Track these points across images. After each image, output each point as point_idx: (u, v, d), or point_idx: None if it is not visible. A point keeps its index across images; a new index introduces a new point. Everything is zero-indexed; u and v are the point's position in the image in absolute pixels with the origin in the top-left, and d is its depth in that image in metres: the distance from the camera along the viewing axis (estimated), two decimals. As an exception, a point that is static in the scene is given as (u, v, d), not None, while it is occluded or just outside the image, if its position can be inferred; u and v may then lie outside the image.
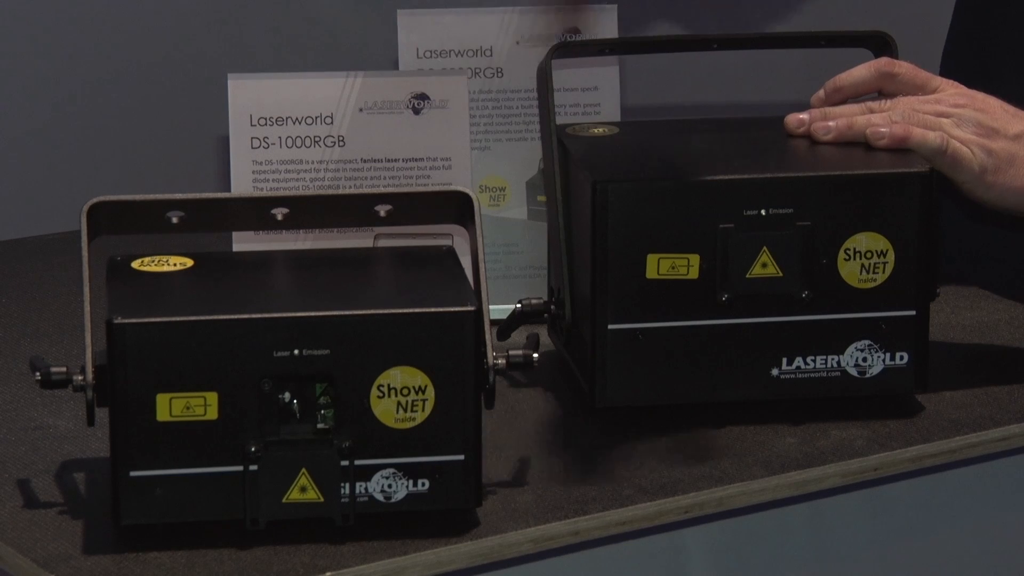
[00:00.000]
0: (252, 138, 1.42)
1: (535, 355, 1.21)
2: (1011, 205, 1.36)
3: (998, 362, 1.43)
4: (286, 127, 1.43)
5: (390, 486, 1.17)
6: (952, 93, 1.38)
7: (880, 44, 1.44)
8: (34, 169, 2.02)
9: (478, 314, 1.17)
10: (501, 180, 1.52)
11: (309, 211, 1.23)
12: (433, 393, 1.16)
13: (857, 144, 1.36)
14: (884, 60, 1.40)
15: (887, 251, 1.31)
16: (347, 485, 1.16)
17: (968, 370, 1.41)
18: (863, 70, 1.39)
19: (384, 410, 1.16)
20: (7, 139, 2.00)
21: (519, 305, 1.39)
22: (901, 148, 1.34)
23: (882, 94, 1.40)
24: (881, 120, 1.35)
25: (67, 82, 2.04)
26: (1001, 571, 1.38)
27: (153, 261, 1.22)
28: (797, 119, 1.38)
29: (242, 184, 1.41)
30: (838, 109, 1.38)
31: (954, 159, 1.34)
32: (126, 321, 1.14)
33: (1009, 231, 1.49)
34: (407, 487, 1.17)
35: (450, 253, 1.26)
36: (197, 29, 2.08)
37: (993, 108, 1.37)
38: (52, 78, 2.02)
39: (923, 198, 1.31)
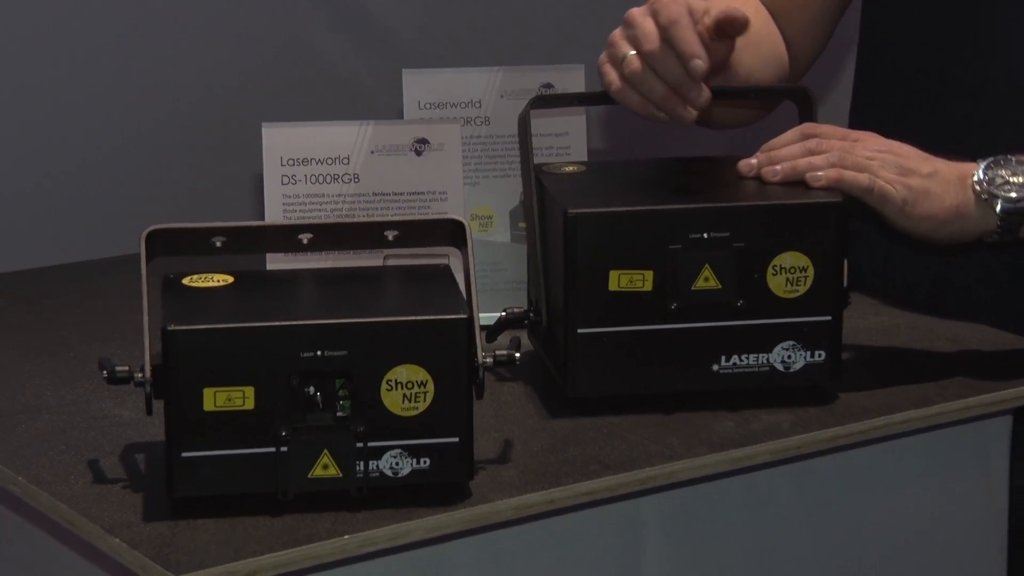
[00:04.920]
0: (282, 176, 1.42)
1: (517, 354, 1.21)
2: (925, 232, 1.36)
3: (899, 358, 1.43)
4: (310, 166, 1.42)
5: (397, 463, 1.17)
6: (873, 141, 1.37)
7: (802, 98, 1.44)
8: (101, 202, 2.02)
9: (470, 321, 1.17)
10: (489, 210, 1.52)
11: (330, 236, 1.23)
12: (432, 386, 1.16)
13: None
14: (807, 125, 1.39)
15: (808, 267, 1.31)
16: (361, 463, 1.16)
17: (874, 365, 1.41)
18: (791, 134, 1.38)
19: (392, 401, 1.16)
20: (80, 179, 2.00)
21: (504, 313, 1.39)
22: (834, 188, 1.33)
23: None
24: (819, 163, 1.34)
25: (130, 128, 2.03)
26: (902, 530, 1.38)
27: (200, 278, 1.22)
28: (748, 164, 1.37)
29: (274, 214, 1.41)
30: (783, 152, 1.36)
31: (881, 195, 1.33)
32: (178, 328, 1.14)
33: (924, 253, 1.48)
34: (411, 464, 1.17)
35: (446, 270, 1.26)
36: (237, 87, 2.08)
37: (907, 153, 1.37)
38: (118, 126, 2.02)
39: (837, 224, 1.31)
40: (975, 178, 1.37)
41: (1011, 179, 1.37)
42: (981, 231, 1.38)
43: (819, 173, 1.33)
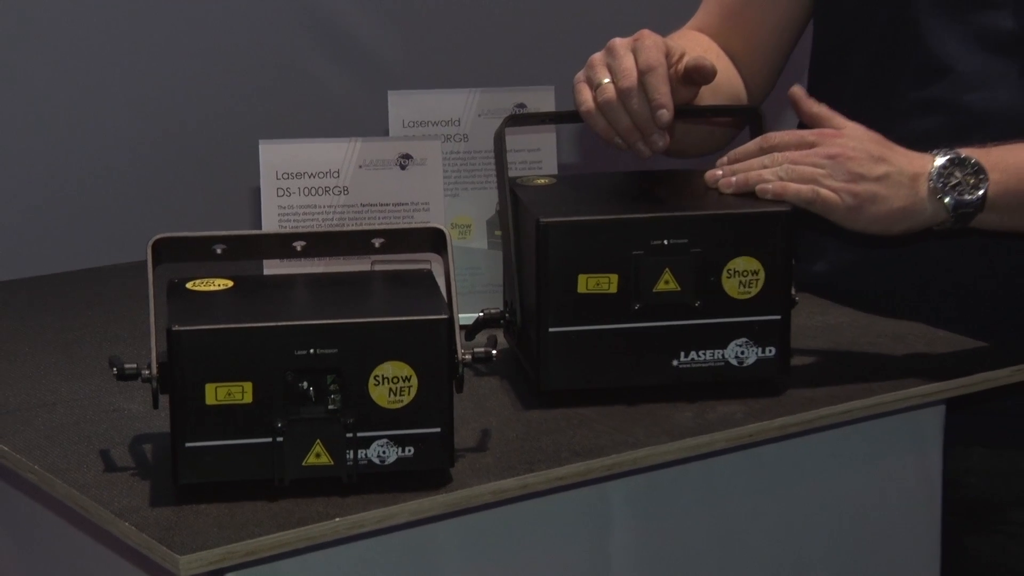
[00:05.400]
0: (278, 188, 1.42)
1: (494, 351, 1.21)
2: (876, 231, 1.35)
3: (842, 353, 1.43)
4: (303, 180, 1.42)
5: (384, 452, 1.17)
6: (826, 147, 1.34)
7: (754, 117, 1.45)
8: (112, 213, 2.01)
9: (450, 321, 1.17)
10: (467, 219, 1.52)
11: (321, 243, 1.23)
12: (416, 381, 1.16)
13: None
14: (766, 135, 1.37)
15: (759, 271, 1.31)
16: (351, 452, 1.16)
17: (820, 360, 1.41)
18: (751, 145, 1.37)
19: (379, 394, 1.16)
20: (93, 193, 2.00)
21: (481, 313, 1.39)
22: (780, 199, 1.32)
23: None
24: (767, 175, 1.34)
25: (139, 146, 2.03)
26: (846, 510, 1.38)
27: (202, 282, 1.22)
28: (713, 175, 1.36)
29: (270, 223, 1.41)
30: (739, 165, 1.36)
31: (824, 205, 1.32)
32: (182, 328, 1.14)
33: (875, 247, 1.47)
34: (397, 453, 1.17)
35: (428, 275, 1.26)
36: (237, 107, 2.08)
37: (860, 155, 1.34)
38: (128, 144, 2.02)
39: (785, 231, 1.31)
40: (929, 177, 1.35)
41: (964, 179, 1.35)
42: (932, 223, 1.36)
43: (767, 186, 1.33)
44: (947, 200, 1.35)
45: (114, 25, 1.99)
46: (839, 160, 1.34)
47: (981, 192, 1.35)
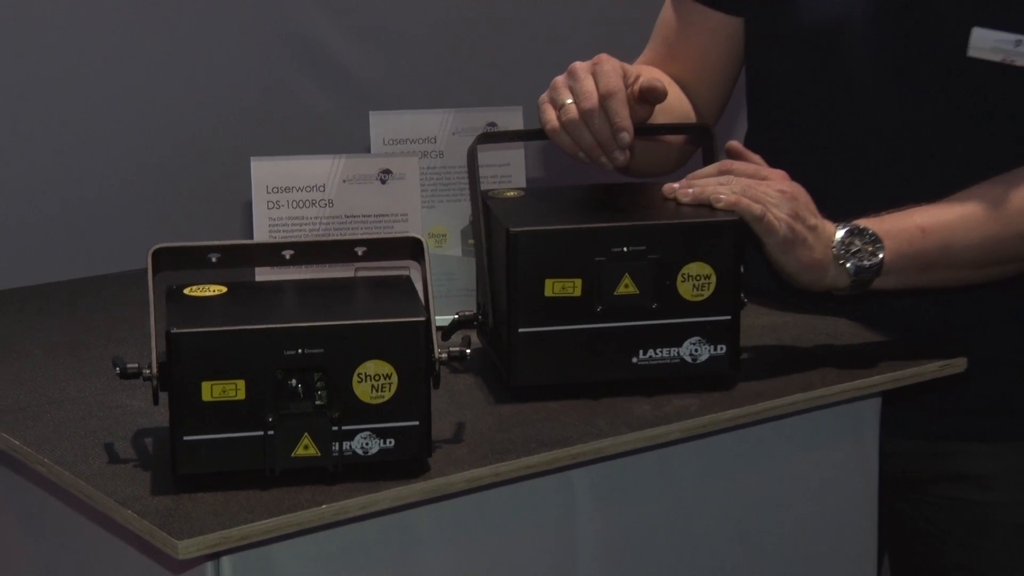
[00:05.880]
0: (268, 201, 1.41)
1: (468, 350, 1.21)
2: (790, 272, 1.35)
3: (787, 350, 1.43)
4: (292, 193, 1.42)
5: (367, 444, 1.17)
6: (778, 182, 1.36)
7: (705, 134, 1.45)
8: (115, 225, 2.00)
9: (427, 322, 1.17)
10: (443, 229, 1.52)
11: (309, 252, 1.23)
12: (396, 378, 1.16)
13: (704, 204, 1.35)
14: (725, 162, 1.38)
15: (711, 275, 1.31)
16: (336, 444, 1.16)
17: (767, 356, 1.41)
18: (711, 168, 1.38)
19: (362, 390, 1.16)
20: (97, 207, 1.99)
21: (456, 315, 1.38)
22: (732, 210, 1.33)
23: None
24: (722, 191, 1.34)
25: (140, 163, 2.02)
26: (791, 495, 1.38)
27: (199, 288, 1.22)
28: (670, 188, 1.37)
29: (261, 234, 1.41)
30: (699, 181, 1.36)
31: (767, 226, 1.32)
32: (180, 331, 1.14)
33: (782, 288, 1.47)
34: (379, 444, 1.17)
35: (407, 280, 1.25)
36: (230, 127, 2.07)
37: (804, 200, 1.35)
38: (130, 161, 2.01)
39: (735, 239, 1.31)
40: (834, 244, 1.36)
41: (863, 248, 1.37)
42: (832, 286, 1.37)
43: (721, 197, 1.33)
44: (848, 265, 1.36)
45: (120, 53, 1.99)
46: (787, 197, 1.34)
47: (880, 257, 1.36)
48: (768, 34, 1.55)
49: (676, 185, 1.37)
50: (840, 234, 1.37)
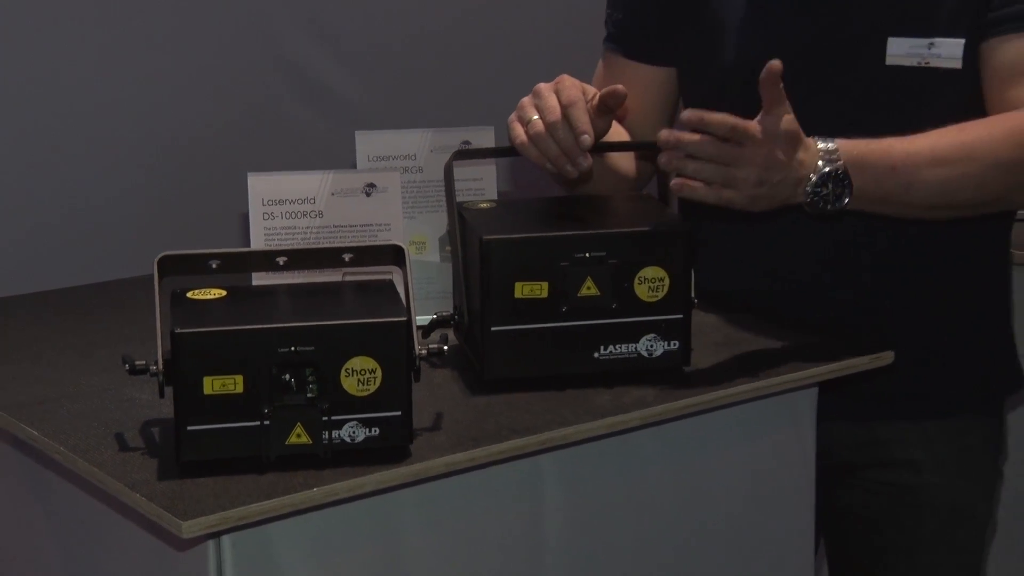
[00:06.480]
0: (263, 212, 1.41)
1: (445, 347, 1.21)
2: (772, 211, 1.33)
3: (734, 345, 1.43)
4: (285, 205, 1.41)
5: (354, 432, 1.16)
6: (749, 147, 1.28)
7: (656, 150, 1.44)
8: (124, 236, 2.00)
9: (408, 322, 1.16)
10: (423, 237, 1.52)
11: (301, 259, 1.23)
12: (380, 373, 1.15)
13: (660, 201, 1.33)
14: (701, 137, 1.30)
15: (664, 278, 1.31)
16: (326, 432, 1.15)
17: (716, 350, 1.41)
18: (690, 136, 1.30)
19: (349, 384, 1.15)
20: (109, 220, 1.98)
21: (435, 315, 1.38)
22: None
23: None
24: (693, 172, 1.29)
25: (147, 180, 2.02)
26: (738, 476, 1.39)
27: (200, 292, 1.21)
28: (671, 136, 1.29)
29: (257, 242, 1.40)
30: (691, 168, 1.29)
31: (727, 202, 1.30)
32: (183, 331, 1.13)
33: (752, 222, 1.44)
34: (365, 433, 1.16)
35: (390, 284, 1.25)
36: (228, 146, 2.07)
37: (771, 151, 1.29)
38: (139, 178, 2.00)
39: (685, 245, 1.31)
40: (808, 187, 1.31)
41: (833, 191, 1.32)
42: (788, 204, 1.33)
43: (690, 183, 1.28)
44: (809, 203, 1.32)
45: (132, 86, 1.99)
46: (756, 164, 1.29)
47: (845, 201, 1.33)
48: (699, 76, 1.54)
49: (669, 151, 1.28)
50: (814, 179, 1.32)
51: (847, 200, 1.34)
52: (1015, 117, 1.39)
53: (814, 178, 1.33)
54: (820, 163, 1.33)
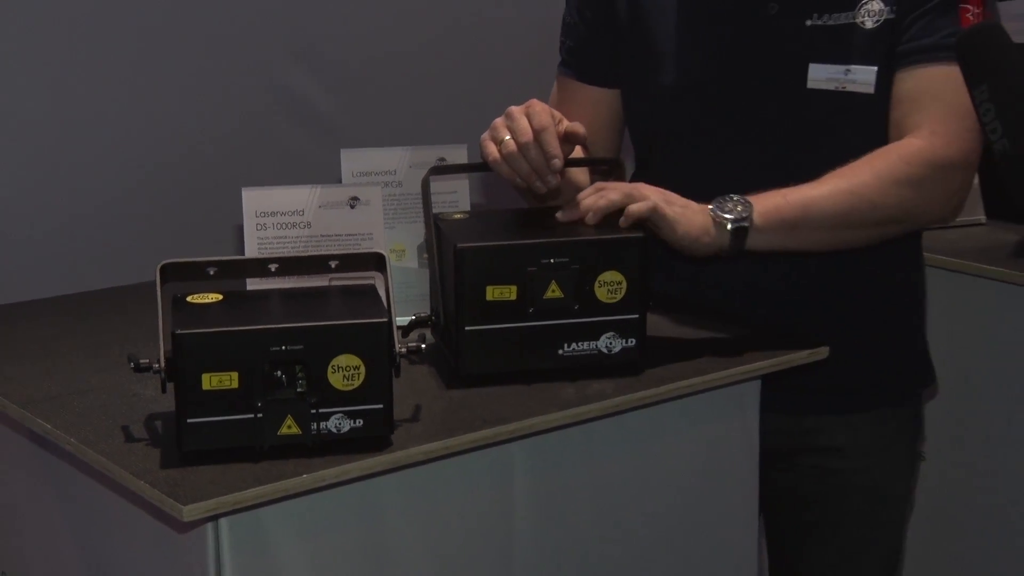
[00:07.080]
0: (257, 223, 1.40)
1: (423, 345, 1.21)
2: (684, 246, 1.35)
3: (685, 343, 1.43)
4: (276, 217, 1.40)
5: (340, 423, 1.16)
6: (646, 188, 1.36)
7: (614, 164, 1.45)
8: (129, 245, 1.98)
9: (389, 323, 1.16)
10: (402, 245, 1.51)
11: (291, 266, 1.22)
12: (364, 369, 1.15)
13: (610, 217, 1.34)
14: (597, 183, 1.38)
15: (622, 281, 1.31)
16: (315, 424, 1.15)
17: (669, 348, 1.41)
18: (589, 189, 1.37)
19: (336, 380, 1.15)
20: (114, 231, 1.97)
21: (414, 317, 1.37)
22: (636, 223, 1.32)
23: None
24: (614, 196, 1.33)
25: (150, 195, 2.00)
26: (691, 460, 1.39)
27: (199, 296, 1.20)
28: (565, 215, 1.36)
29: (251, 251, 1.39)
30: (587, 202, 1.35)
31: (659, 214, 1.33)
32: (184, 332, 1.12)
33: (686, 263, 1.46)
34: (350, 424, 1.16)
35: (372, 288, 1.24)
36: (224, 163, 2.06)
37: (670, 194, 1.36)
38: (142, 193, 1.99)
39: (641, 251, 1.31)
40: (711, 207, 1.36)
41: (735, 205, 1.36)
42: (720, 247, 1.36)
43: (611, 198, 1.32)
44: (726, 219, 1.35)
45: (133, 108, 1.98)
46: (655, 191, 1.35)
47: (751, 211, 1.36)
48: (640, 97, 1.56)
49: (579, 209, 1.35)
50: (713, 202, 1.37)
51: (751, 212, 1.36)
52: (886, 157, 1.40)
53: (713, 202, 1.36)
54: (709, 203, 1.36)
